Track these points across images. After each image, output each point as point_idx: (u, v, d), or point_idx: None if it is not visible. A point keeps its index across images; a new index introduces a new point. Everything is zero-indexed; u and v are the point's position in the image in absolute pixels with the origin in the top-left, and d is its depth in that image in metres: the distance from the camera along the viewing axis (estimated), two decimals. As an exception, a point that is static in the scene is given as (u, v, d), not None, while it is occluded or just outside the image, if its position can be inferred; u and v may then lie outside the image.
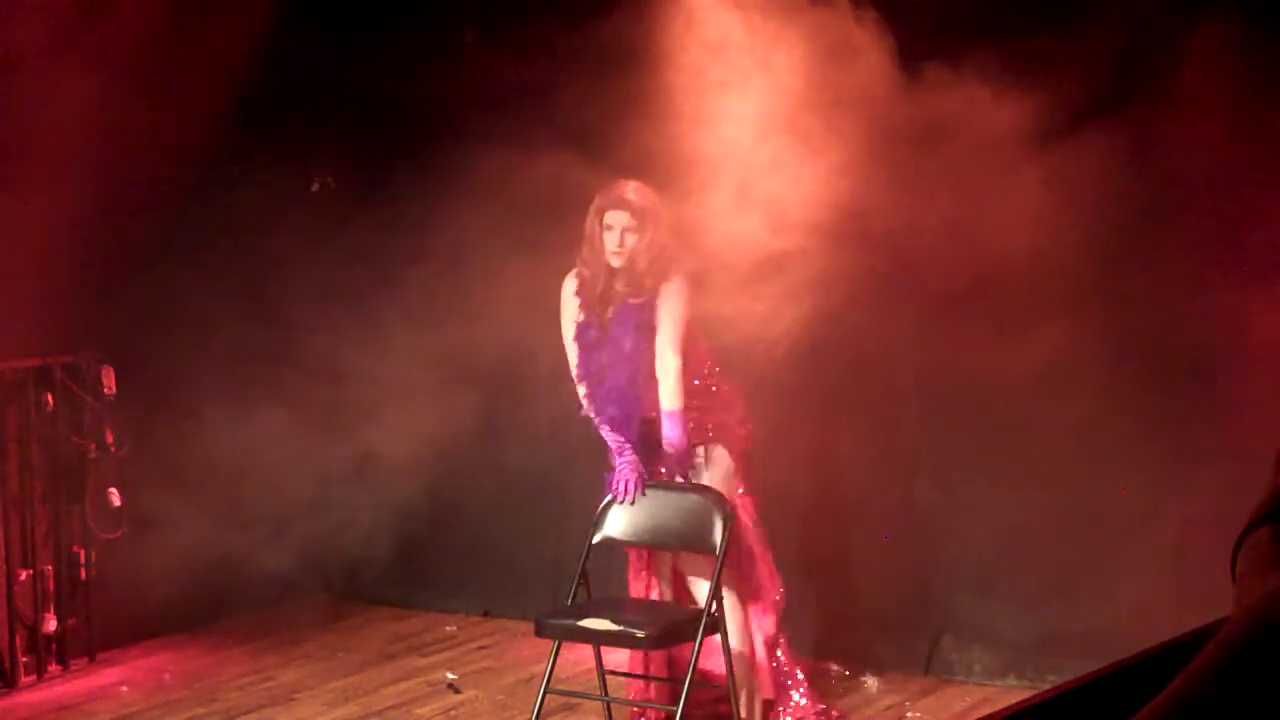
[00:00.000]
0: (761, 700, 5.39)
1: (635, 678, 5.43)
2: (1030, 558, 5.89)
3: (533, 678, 5.99)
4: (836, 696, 5.83)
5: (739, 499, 5.35)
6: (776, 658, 5.46)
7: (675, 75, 5.59)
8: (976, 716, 5.33)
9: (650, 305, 5.16)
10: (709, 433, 5.29)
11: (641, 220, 5.14)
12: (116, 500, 6.46)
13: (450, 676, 6.27)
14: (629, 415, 5.22)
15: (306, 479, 6.96)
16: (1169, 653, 1.67)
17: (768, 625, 5.44)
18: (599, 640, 5.11)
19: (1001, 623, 5.98)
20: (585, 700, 5.65)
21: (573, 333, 5.31)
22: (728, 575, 5.24)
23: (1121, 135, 5.39)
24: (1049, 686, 1.72)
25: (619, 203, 5.16)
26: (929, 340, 5.85)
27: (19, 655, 6.21)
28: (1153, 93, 5.37)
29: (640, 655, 5.34)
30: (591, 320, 5.25)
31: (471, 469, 7.04)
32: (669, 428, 5.16)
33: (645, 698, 5.44)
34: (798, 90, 5.43)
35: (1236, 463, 4.80)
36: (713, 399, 5.30)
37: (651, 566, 5.39)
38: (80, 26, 5.99)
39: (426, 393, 6.50)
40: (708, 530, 5.13)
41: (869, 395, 6.17)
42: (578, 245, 5.35)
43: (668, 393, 5.15)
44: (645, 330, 5.16)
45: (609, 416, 5.25)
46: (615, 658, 5.48)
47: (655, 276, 5.15)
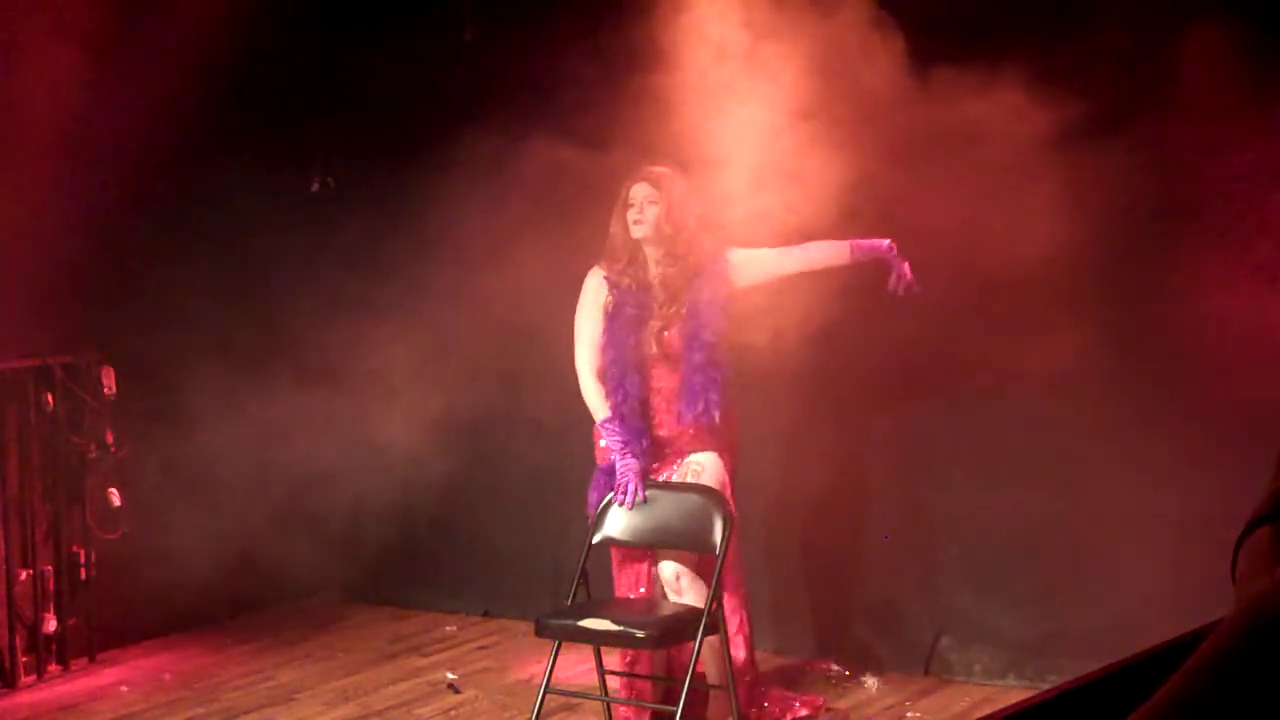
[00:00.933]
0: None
1: (635, 678, 5.43)
2: (1030, 558, 5.89)
3: (533, 678, 5.99)
4: (836, 696, 5.83)
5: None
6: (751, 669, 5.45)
7: (678, 75, 5.58)
8: (976, 716, 5.33)
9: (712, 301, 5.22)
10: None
11: (661, 188, 5.20)
12: (116, 500, 6.46)
13: (450, 676, 6.27)
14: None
15: (306, 479, 6.97)
16: (1169, 653, 1.67)
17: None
18: (599, 640, 5.11)
19: (1001, 623, 5.98)
20: (585, 700, 5.64)
21: (594, 329, 5.30)
22: (732, 579, 5.27)
23: (1134, 136, 5.38)
24: (1049, 686, 1.72)
25: (639, 177, 5.24)
26: (930, 341, 5.85)
27: (19, 655, 6.21)
28: (1166, 94, 5.35)
29: (641, 654, 5.35)
30: (626, 311, 5.25)
31: (471, 469, 7.05)
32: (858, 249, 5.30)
33: (636, 696, 5.43)
34: (809, 90, 5.42)
35: (1238, 463, 4.81)
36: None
37: (652, 559, 5.38)
38: (80, 26, 5.99)
39: (426, 393, 6.50)
40: (708, 530, 5.13)
41: (870, 396, 6.17)
42: (580, 243, 5.35)
43: (828, 245, 5.32)
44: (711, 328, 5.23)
45: (628, 415, 5.24)
46: (615, 658, 5.48)
47: (691, 247, 5.21)
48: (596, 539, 5.29)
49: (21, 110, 5.98)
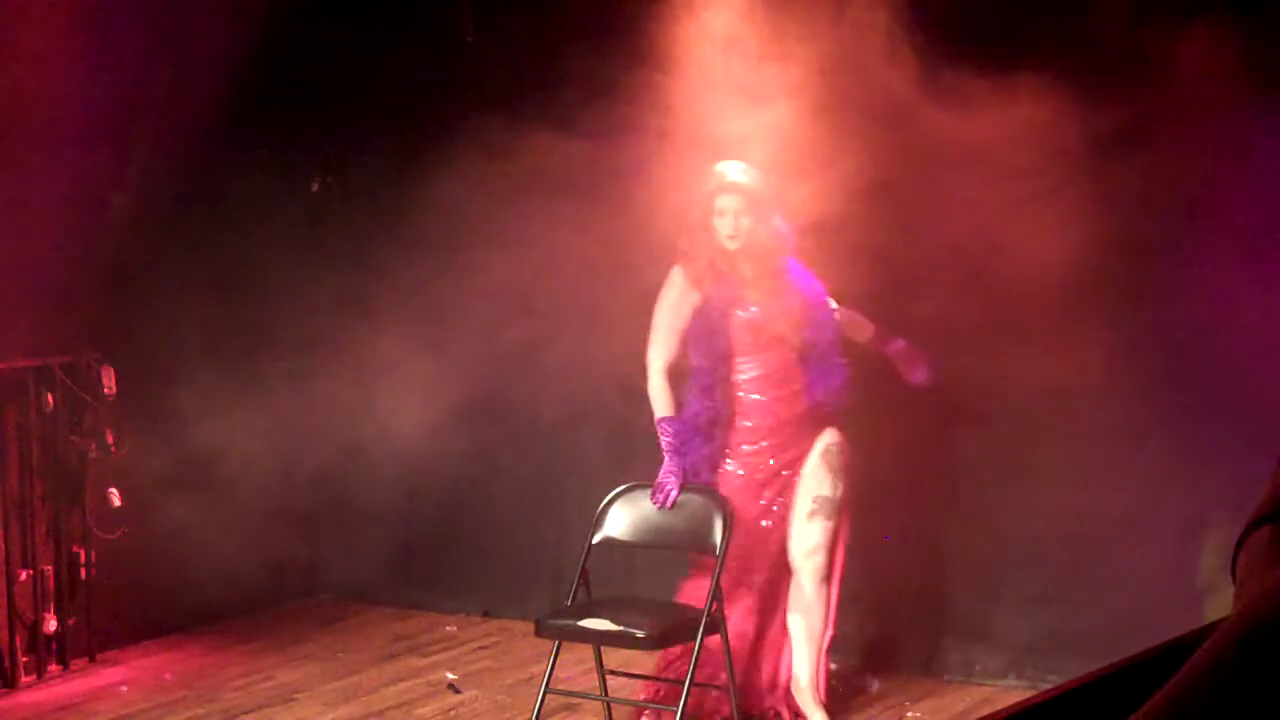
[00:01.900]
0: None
1: (635, 678, 5.43)
2: (1030, 558, 5.89)
3: (533, 678, 5.99)
4: (836, 696, 5.83)
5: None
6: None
7: (679, 75, 5.58)
8: (976, 717, 5.33)
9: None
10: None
11: (749, 198, 5.15)
12: (116, 500, 6.46)
13: (450, 676, 6.27)
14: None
15: (307, 479, 6.97)
16: (1169, 653, 1.67)
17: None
18: (599, 640, 5.11)
19: (1001, 623, 5.98)
20: (585, 700, 5.64)
21: (672, 326, 5.27)
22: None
23: (1150, 139, 5.37)
24: (1049, 686, 1.72)
25: (725, 186, 5.16)
26: (931, 342, 5.85)
27: (19, 655, 6.20)
28: (1192, 96, 5.34)
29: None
30: (714, 309, 5.24)
31: (472, 469, 7.04)
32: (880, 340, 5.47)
33: (655, 698, 5.41)
34: (819, 95, 5.40)
35: (1238, 463, 4.81)
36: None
37: (744, 582, 5.30)
38: (80, 25, 5.99)
39: (426, 393, 6.50)
40: (708, 530, 5.13)
41: (871, 397, 6.16)
42: (581, 243, 5.34)
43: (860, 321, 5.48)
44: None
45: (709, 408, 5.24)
46: (616, 658, 5.49)
47: (779, 248, 5.24)
48: (596, 539, 5.29)
49: (21, 110, 5.98)
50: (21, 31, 5.90)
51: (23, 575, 6.24)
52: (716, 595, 5.05)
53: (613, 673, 5.40)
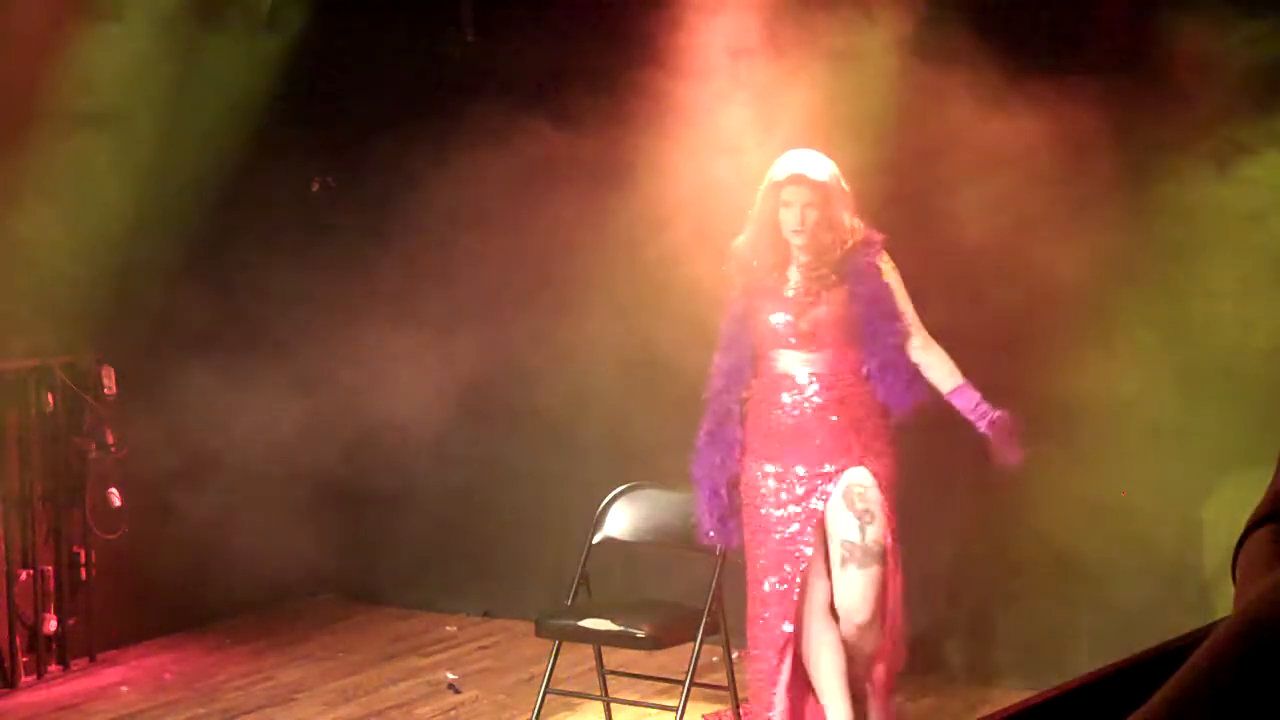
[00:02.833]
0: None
1: (635, 677, 5.43)
2: (1030, 558, 5.89)
3: (533, 678, 5.99)
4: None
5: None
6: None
7: (680, 75, 5.58)
8: (976, 717, 5.32)
9: (866, 294, 4.77)
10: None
11: (817, 190, 4.70)
12: (116, 500, 6.46)
13: (450, 676, 6.27)
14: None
15: (307, 479, 6.96)
16: (1169, 653, 1.67)
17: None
18: (599, 640, 5.11)
19: (1001, 623, 5.98)
20: (585, 700, 5.64)
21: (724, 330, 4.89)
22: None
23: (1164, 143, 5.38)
24: (1049, 687, 1.71)
25: (793, 175, 4.71)
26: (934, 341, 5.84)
27: (19, 655, 6.21)
28: (1230, 104, 5.34)
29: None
30: (754, 301, 4.80)
31: (472, 469, 7.04)
32: (965, 399, 4.86)
33: None
34: (825, 99, 5.39)
35: (1240, 464, 4.81)
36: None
37: (804, 595, 4.78)
38: (77, 24, 5.99)
39: (426, 393, 6.50)
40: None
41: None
42: (582, 244, 5.33)
43: (948, 368, 4.87)
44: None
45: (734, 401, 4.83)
46: (616, 658, 5.48)
47: (847, 252, 4.75)
48: (596, 539, 5.28)
49: (19, 109, 5.98)
50: (19, 31, 5.89)
51: (23, 575, 6.24)
52: (717, 595, 5.04)
53: (613, 673, 5.40)
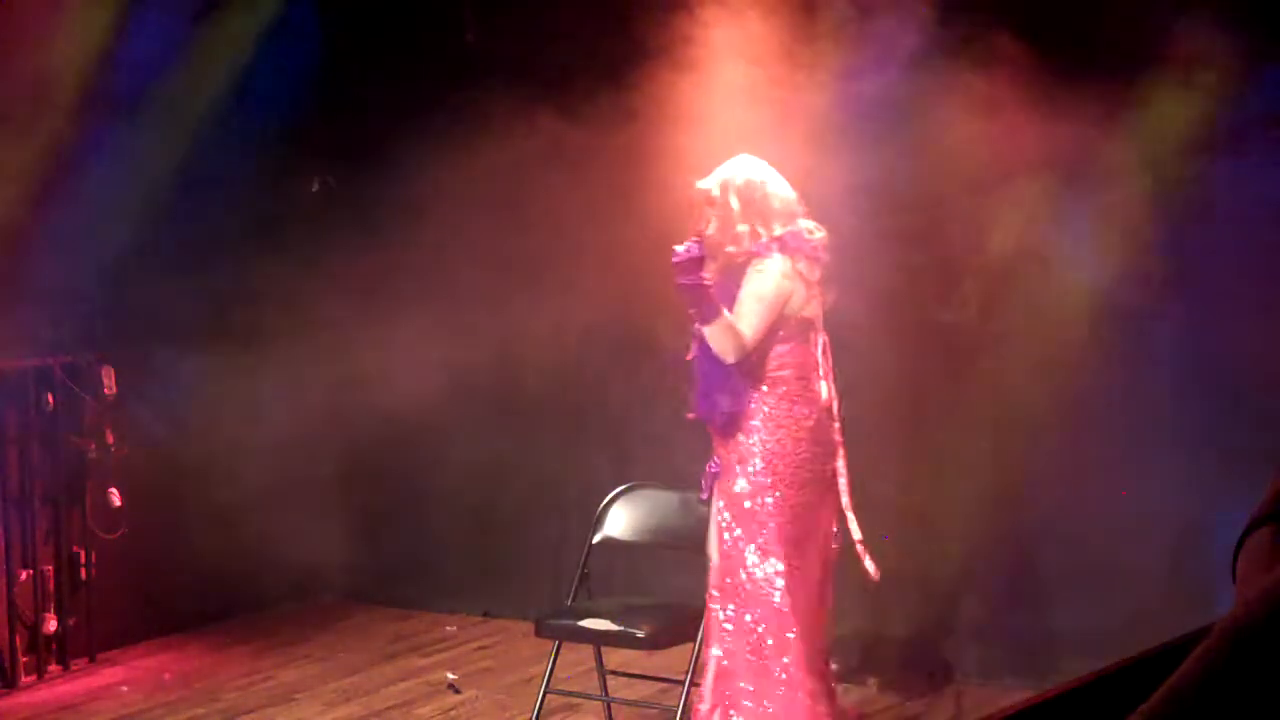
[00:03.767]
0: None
1: (635, 678, 5.43)
2: (1030, 558, 5.89)
3: (533, 678, 5.98)
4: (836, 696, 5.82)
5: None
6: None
7: (680, 74, 5.58)
8: (976, 717, 5.33)
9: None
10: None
11: (721, 203, 4.59)
12: (116, 500, 6.46)
13: (450, 676, 6.27)
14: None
15: (307, 479, 6.97)
16: (1169, 653, 1.67)
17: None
18: (599, 640, 5.11)
19: (1001, 623, 5.98)
20: (585, 700, 5.64)
21: None
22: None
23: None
24: (1049, 686, 1.71)
25: (700, 188, 4.64)
26: (933, 351, 5.85)
27: (19, 655, 6.21)
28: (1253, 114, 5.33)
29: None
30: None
31: (472, 469, 7.04)
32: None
33: None
34: (830, 99, 5.39)
35: (1239, 464, 4.81)
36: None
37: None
38: (77, 23, 5.99)
39: (426, 393, 6.49)
40: (705, 530, 5.12)
41: (872, 397, 6.16)
42: (583, 243, 5.32)
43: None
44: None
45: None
46: (616, 658, 5.48)
47: (731, 257, 4.59)
48: (596, 539, 5.28)
49: (19, 107, 5.98)
50: (19, 29, 5.90)
51: (23, 575, 6.25)
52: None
53: (613, 673, 5.40)
